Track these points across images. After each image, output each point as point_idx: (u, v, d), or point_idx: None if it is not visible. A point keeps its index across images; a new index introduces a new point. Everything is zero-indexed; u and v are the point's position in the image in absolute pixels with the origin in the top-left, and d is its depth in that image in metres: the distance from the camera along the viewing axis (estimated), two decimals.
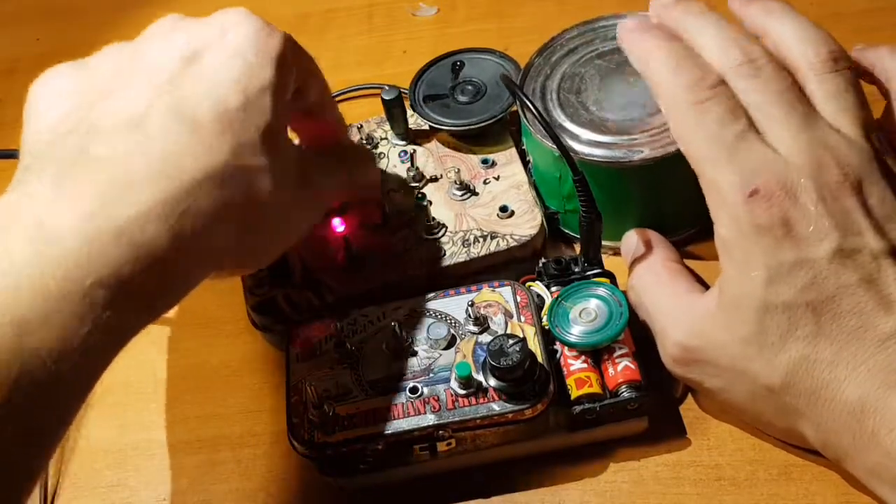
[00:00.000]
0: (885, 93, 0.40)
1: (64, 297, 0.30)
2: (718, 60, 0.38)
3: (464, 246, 0.45)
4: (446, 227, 0.46)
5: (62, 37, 0.72)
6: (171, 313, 0.50)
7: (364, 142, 0.51)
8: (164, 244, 0.32)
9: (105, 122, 0.34)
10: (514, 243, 0.45)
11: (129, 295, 0.31)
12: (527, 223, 0.46)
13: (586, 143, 0.44)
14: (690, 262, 0.43)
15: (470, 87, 0.51)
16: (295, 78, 0.39)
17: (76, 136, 0.34)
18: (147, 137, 0.33)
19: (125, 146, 0.33)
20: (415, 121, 0.51)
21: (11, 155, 0.57)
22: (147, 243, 0.32)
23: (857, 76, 0.39)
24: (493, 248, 0.45)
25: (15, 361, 0.29)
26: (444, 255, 0.45)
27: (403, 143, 0.51)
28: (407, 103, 0.51)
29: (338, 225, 0.46)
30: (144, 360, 0.49)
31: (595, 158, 0.44)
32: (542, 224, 0.46)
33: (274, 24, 0.39)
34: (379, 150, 0.51)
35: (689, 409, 0.41)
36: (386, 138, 0.51)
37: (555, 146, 0.42)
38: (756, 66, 0.38)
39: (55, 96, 0.36)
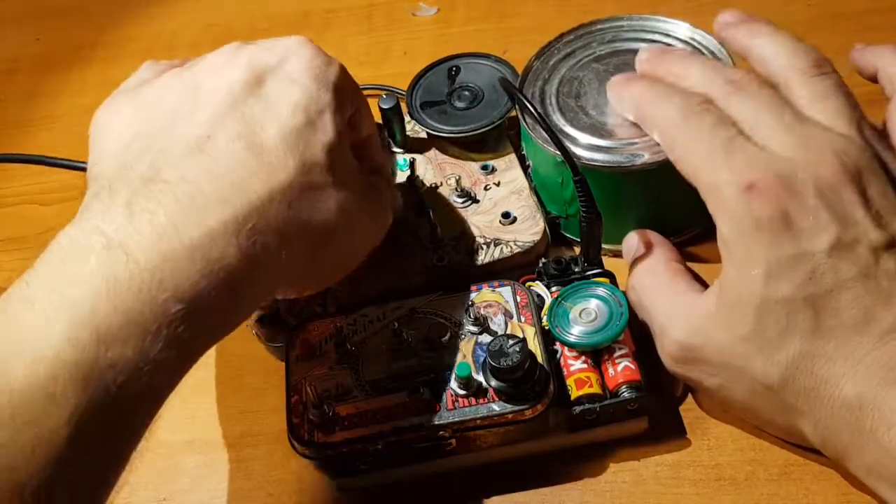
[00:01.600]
0: (887, 92, 0.41)
1: (140, 312, 0.30)
2: (703, 87, 0.40)
3: (467, 253, 0.45)
4: (449, 235, 0.46)
5: (62, 37, 0.72)
6: None
7: None
8: (234, 261, 0.33)
9: (172, 147, 0.35)
10: (518, 249, 0.45)
11: (202, 310, 0.32)
12: (529, 229, 0.46)
13: (586, 147, 0.44)
14: (692, 264, 0.43)
15: (467, 93, 0.50)
16: (350, 108, 0.39)
17: (145, 162, 0.35)
18: (214, 160, 0.34)
19: (193, 169, 0.34)
20: (412, 128, 0.51)
21: (11, 159, 0.57)
22: (219, 259, 0.32)
23: (860, 75, 0.39)
24: (497, 254, 0.45)
25: (94, 374, 0.29)
26: (448, 262, 0.45)
27: (402, 150, 0.51)
28: (404, 110, 0.50)
29: None
30: None
31: (596, 163, 0.43)
32: (544, 230, 0.46)
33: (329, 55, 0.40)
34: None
35: (689, 409, 0.41)
36: (384, 146, 0.51)
37: (556, 150, 0.42)
38: (740, 84, 0.39)
39: (119, 126, 0.37)
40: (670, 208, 0.46)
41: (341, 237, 0.38)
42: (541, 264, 0.44)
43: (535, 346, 0.39)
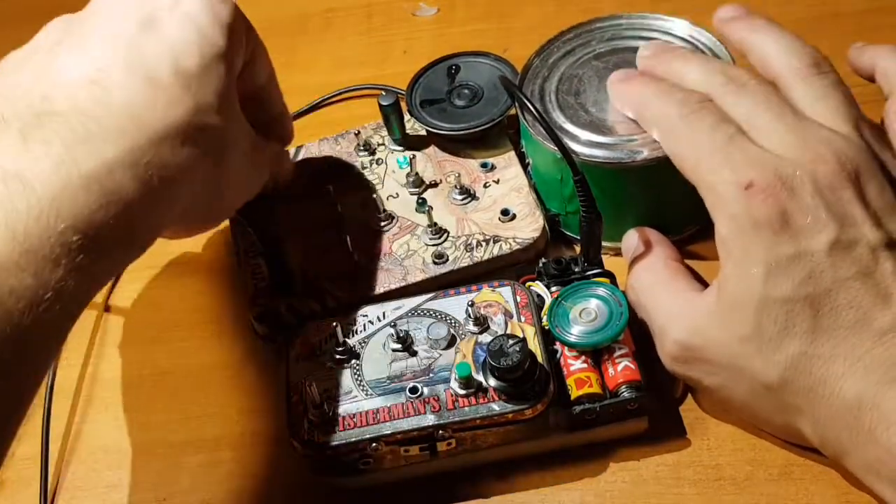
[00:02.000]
0: (885, 91, 0.41)
1: (38, 239, 0.31)
2: (703, 85, 0.40)
3: (466, 250, 0.45)
4: (448, 233, 0.46)
5: None
6: (172, 313, 0.51)
7: (361, 148, 0.51)
8: (132, 193, 0.33)
9: (63, 78, 0.35)
10: (518, 246, 0.45)
11: (101, 240, 0.32)
12: (529, 226, 0.46)
13: (586, 143, 0.44)
14: (691, 262, 0.44)
15: (466, 91, 0.50)
16: (244, 51, 0.40)
17: (36, 94, 0.34)
18: (107, 91, 0.35)
19: (86, 100, 0.34)
20: (412, 126, 0.51)
21: None
22: (116, 191, 0.33)
23: (858, 75, 0.39)
24: (496, 251, 0.45)
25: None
26: (447, 260, 0.45)
27: (401, 148, 0.51)
28: (404, 108, 0.50)
29: None
30: (145, 359, 0.49)
31: (595, 160, 0.44)
32: (544, 226, 0.46)
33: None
34: (377, 156, 0.51)
35: (689, 409, 0.41)
36: (383, 144, 0.51)
37: (555, 147, 0.42)
38: (740, 83, 0.39)
39: (9, 68, 0.37)
40: (670, 205, 0.46)
41: (232, 179, 0.40)
42: (541, 264, 0.44)
43: (535, 345, 0.39)
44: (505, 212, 0.46)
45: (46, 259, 0.31)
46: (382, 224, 0.47)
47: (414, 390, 0.39)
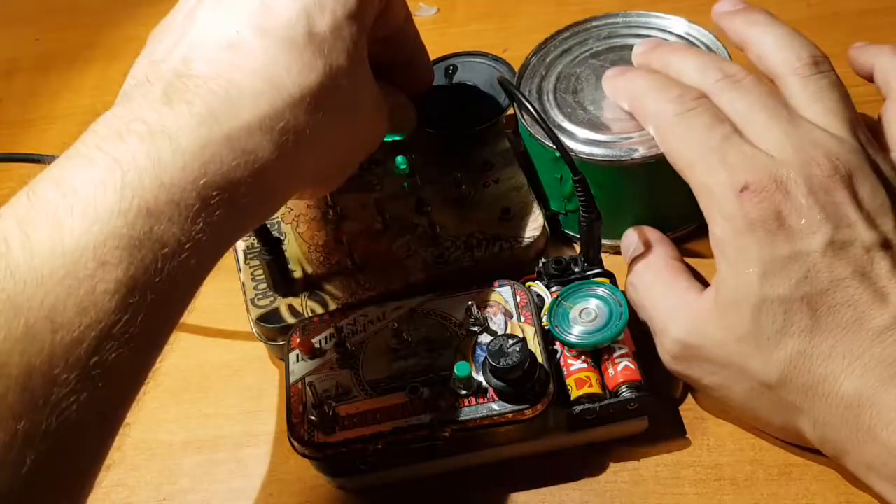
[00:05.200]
0: (883, 92, 0.41)
1: (183, 191, 0.31)
2: (699, 81, 0.40)
3: (467, 250, 0.45)
4: (448, 232, 0.46)
5: (62, 37, 0.72)
6: None
7: None
8: (268, 154, 0.34)
9: (202, 42, 0.36)
10: (518, 245, 0.45)
11: (237, 198, 0.33)
12: (529, 225, 0.46)
13: (584, 142, 0.44)
14: (690, 260, 0.44)
15: (464, 91, 0.50)
16: (378, 6, 0.40)
17: (176, 57, 0.35)
18: (244, 55, 0.35)
19: (224, 63, 0.35)
20: None
21: (11, 159, 0.57)
22: (253, 151, 0.33)
23: (857, 74, 0.39)
24: (496, 251, 0.45)
25: (145, 245, 0.30)
26: (448, 259, 0.45)
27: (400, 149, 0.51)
28: None
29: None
30: None
31: (594, 158, 0.44)
32: (544, 225, 0.46)
33: None
34: (375, 157, 0.51)
35: (689, 409, 0.41)
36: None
37: (554, 146, 0.42)
38: (735, 80, 0.39)
39: (155, 36, 0.38)
40: (668, 203, 0.46)
41: (356, 143, 0.40)
42: (541, 264, 0.44)
43: (534, 346, 0.39)
44: (505, 211, 0.46)
45: (189, 209, 0.31)
46: (382, 224, 0.47)
47: (414, 390, 0.39)
